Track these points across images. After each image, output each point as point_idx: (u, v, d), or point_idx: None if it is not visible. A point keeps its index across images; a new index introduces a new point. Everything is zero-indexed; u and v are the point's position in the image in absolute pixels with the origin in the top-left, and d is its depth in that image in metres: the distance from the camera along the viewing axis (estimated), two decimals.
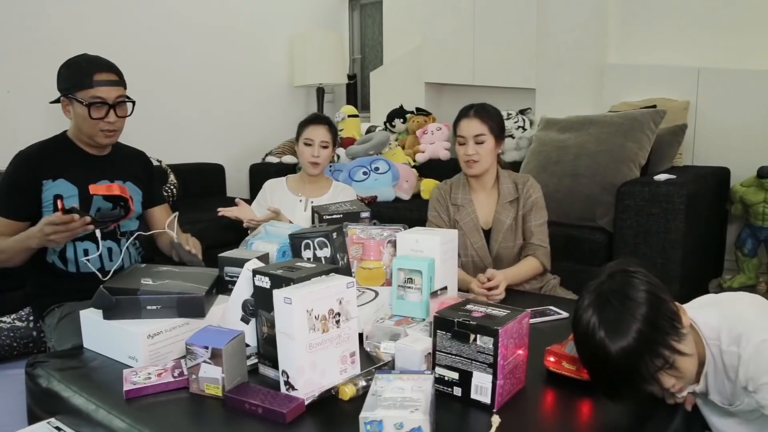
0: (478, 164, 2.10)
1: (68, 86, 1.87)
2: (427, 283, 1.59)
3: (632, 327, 1.08)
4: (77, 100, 1.85)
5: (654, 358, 1.09)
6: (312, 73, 4.66)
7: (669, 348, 1.10)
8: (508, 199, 2.14)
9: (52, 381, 1.42)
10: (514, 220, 2.13)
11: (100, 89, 1.85)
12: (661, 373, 1.11)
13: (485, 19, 4.14)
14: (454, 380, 1.23)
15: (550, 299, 1.97)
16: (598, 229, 2.82)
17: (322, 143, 2.50)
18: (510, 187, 2.15)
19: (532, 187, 2.14)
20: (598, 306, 1.13)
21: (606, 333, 1.09)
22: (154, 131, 3.76)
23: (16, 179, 1.88)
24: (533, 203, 2.12)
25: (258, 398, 1.21)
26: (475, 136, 2.08)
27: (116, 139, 1.99)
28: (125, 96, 1.93)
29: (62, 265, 1.93)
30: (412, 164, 3.98)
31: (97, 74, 1.85)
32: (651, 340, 1.09)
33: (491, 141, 2.09)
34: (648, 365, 1.09)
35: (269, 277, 1.30)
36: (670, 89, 3.33)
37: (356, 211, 2.03)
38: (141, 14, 3.90)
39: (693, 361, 1.15)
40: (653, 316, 1.10)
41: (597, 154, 2.89)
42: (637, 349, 1.08)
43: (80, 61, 1.89)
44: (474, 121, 2.10)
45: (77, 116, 1.89)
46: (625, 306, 1.10)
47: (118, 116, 1.91)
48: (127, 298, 1.48)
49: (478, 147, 2.08)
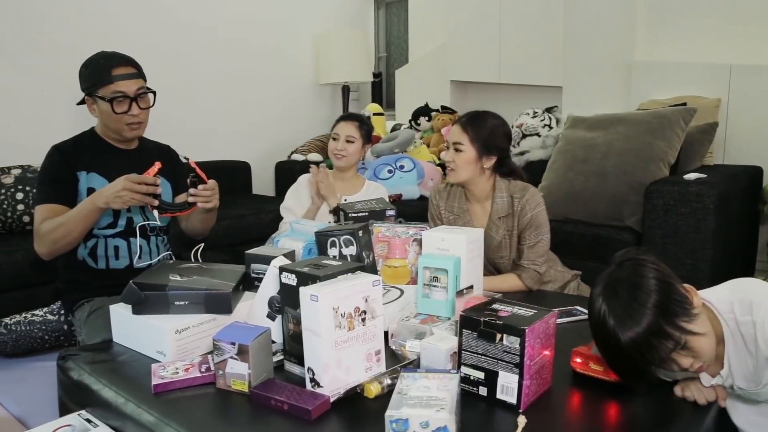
0: (453, 173, 2.06)
1: (89, 85, 1.90)
2: (453, 281, 1.59)
3: (641, 316, 1.11)
4: (99, 97, 1.89)
5: (664, 340, 1.11)
6: (337, 71, 4.67)
7: (679, 329, 1.11)
8: (500, 215, 2.04)
9: (82, 374, 1.44)
10: (506, 237, 2.04)
11: (120, 83, 1.88)
12: (675, 354, 1.13)
13: (511, 15, 4.11)
14: (480, 380, 1.22)
15: (577, 299, 1.95)
16: (626, 228, 2.79)
17: (348, 137, 2.54)
18: (504, 201, 2.04)
19: (529, 203, 2.00)
20: (608, 296, 1.16)
21: (616, 322, 1.13)
22: (181, 129, 3.81)
23: (54, 170, 1.92)
24: (529, 221, 2.00)
25: (284, 395, 1.22)
26: (454, 143, 2.06)
27: (142, 132, 2.02)
28: (145, 87, 1.95)
29: (92, 261, 1.96)
30: (437, 162, 3.97)
31: (115, 69, 1.88)
32: (660, 325, 1.11)
33: (471, 152, 2.02)
34: (660, 349, 1.12)
35: (296, 274, 1.31)
36: (700, 87, 3.27)
37: (382, 209, 2.03)
38: (168, 14, 3.95)
39: (708, 340, 1.15)
40: (662, 303, 1.12)
41: (625, 152, 2.85)
42: (646, 336, 1.11)
43: (97, 58, 1.92)
44: (456, 128, 2.07)
45: (102, 113, 1.92)
46: (634, 295, 1.14)
47: (141, 108, 1.94)
48: (155, 293, 1.50)
49: (455, 155, 2.05)
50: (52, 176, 1.91)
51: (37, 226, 1.86)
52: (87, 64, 1.93)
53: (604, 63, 3.65)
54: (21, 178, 2.96)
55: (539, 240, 2.02)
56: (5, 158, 3.14)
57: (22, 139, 3.30)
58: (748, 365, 1.19)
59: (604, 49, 3.63)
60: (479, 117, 2.08)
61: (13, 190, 2.91)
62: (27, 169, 3.02)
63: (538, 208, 2.02)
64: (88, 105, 1.95)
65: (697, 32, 3.39)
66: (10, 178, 2.94)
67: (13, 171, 2.99)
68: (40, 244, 1.86)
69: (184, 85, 3.97)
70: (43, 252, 1.87)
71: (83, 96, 1.95)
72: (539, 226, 2.01)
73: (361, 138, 2.56)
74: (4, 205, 2.89)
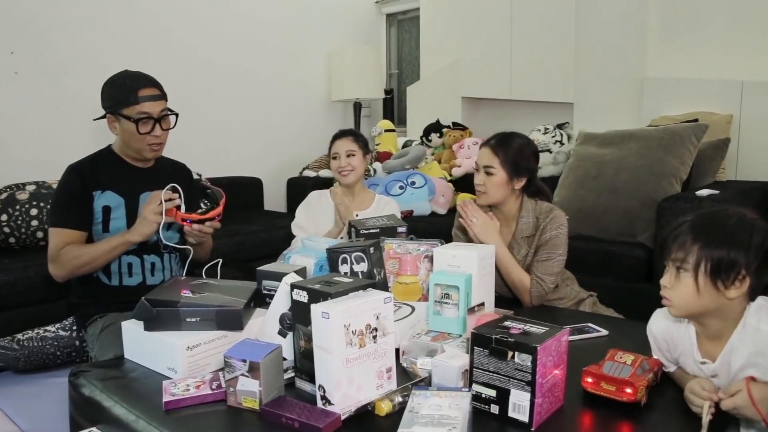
0: (485, 195, 2.06)
1: (113, 104, 1.92)
2: (464, 298, 1.58)
3: (711, 224, 1.20)
4: (124, 117, 1.91)
5: (679, 249, 1.20)
6: (349, 87, 4.70)
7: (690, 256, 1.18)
8: (524, 235, 2.05)
9: (94, 390, 1.45)
10: (527, 256, 2.05)
11: (145, 105, 1.90)
12: (675, 265, 1.21)
13: (522, 33, 4.12)
14: (492, 398, 1.21)
15: (589, 316, 1.93)
16: (638, 245, 2.77)
17: (348, 152, 2.55)
18: (529, 222, 2.06)
19: (551, 223, 2.02)
20: (699, 215, 1.24)
21: (693, 218, 1.24)
22: (194, 145, 3.84)
23: (70, 191, 1.94)
24: (546, 240, 2.01)
25: (294, 412, 1.21)
26: (484, 167, 2.05)
27: (161, 152, 2.05)
28: (168, 109, 1.98)
29: (106, 278, 1.98)
30: (449, 179, 3.98)
31: (142, 90, 1.91)
32: (712, 246, 1.17)
33: (502, 175, 2.02)
34: (675, 247, 1.20)
35: (307, 291, 1.31)
36: (712, 103, 3.26)
37: (393, 226, 2.03)
38: (182, 31, 4.00)
39: (696, 303, 1.20)
40: (737, 239, 1.16)
41: (637, 168, 2.84)
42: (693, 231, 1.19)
43: (123, 78, 1.94)
44: (486, 151, 2.06)
45: (124, 132, 1.94)
46: (720, 217, 1.21)
47: (163, 129, 1.96)
48: (167, 310, 1.50)
49: (486, 178, 2.04)
50: (68, 198, 1.94)
51: (55, 250, 1.89)
52: (112, 82, 1.95)
53: (616, 79, 3.64)
54: (36, 194, 2.99)
55: (551, 258, 2.01)
56: (20, 175, 3.18)
57: (37, 156, 3.34)
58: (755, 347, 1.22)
59: (616, 65, 3.63)
60: (508, 139, 2.07)
61: (28, 206, 2.94)
62: (42, 185, 3.05)
63: (559, 230, 2.02)
64: (109, 122, 1.97)
65: (709, 48, 3.38)
66: (24, 195, 2.98)
67: (28, 187, 3.02)
68: (58, 269, 1.90)
69: (197, 101, 4.01)
70: (60, 276, 1.92)
71: (103, 113, 1.96)
72: (555, 246, 2.01)
73: (361, 149, 2.58)
74: (18, 221, 2.92)
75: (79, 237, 1.92)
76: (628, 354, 1.32)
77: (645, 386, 1.25)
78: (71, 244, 1.90)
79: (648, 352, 1.38)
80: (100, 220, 1.95)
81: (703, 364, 1.27)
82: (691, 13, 3.43)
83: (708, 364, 1.26)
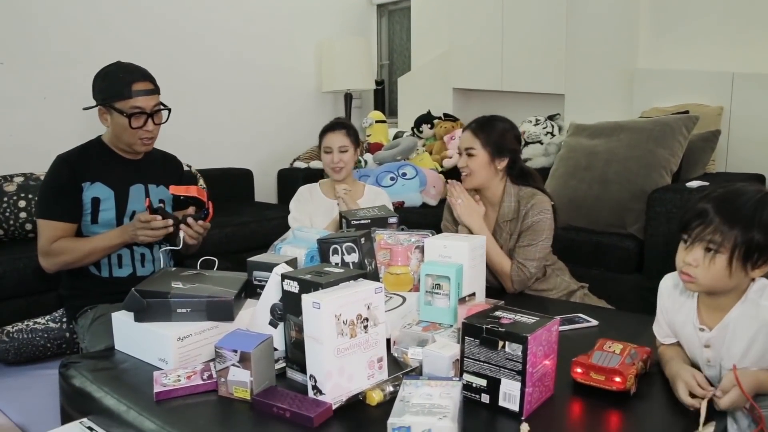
0: (469, 178, 2.08)
1: (106, 96, 1.90)
2: (455, 289, 1.59)
3: (740, 206, 1.18)
4: (116, 110, 1.89)
5: (715, 232, 1.19)
6: (340, 78, 4.68)
7: (727, 240, 1.18)
8: (506, 219, 2.07)
9: (84, 382, 1.44)
10: (507, 241, 2.07)
11: (138, 99, 1.89)
12: (704, 245, 1.21)
13: (513, 24, 4.12)
14: (482, 387, 1.22)
15: (580, 306, 1.94)
16: (628, 236, 2.79)
17: (341, 148, 2.50)
18: (511, 206, 2.07)
19: (533, 208, 2.02)
20: (723, 195, 1.22)
21: (718, 195, 1.22)
22: (183, 136, 3.81)
23: (59, 182, 1.92)
24: (528, 226, 2.02)
25: (286, 402, 1.22)
26: (466, 149, 2.08)
27: (152, 146, 2.04)
28: (161, 104, 1.97)
29: (96, 269, 1.97)
30: (440, 170, 3.98)
31: (135, 84, 1.89)
32: (752, 231, 1.17)
33: (483, 156, 2.05)
34: (709, 229, 1.20)
35: (298, 281, 1.31)
36: (702, 95, 3.27)
37: (384, 217, 2.03)
38: (170, 21, 3.97)
39: (724, 283, 1.21)
40: (759, 221, 1.17)
41: (627, 160, 2.85)
42: (726, 216, 1.18)
43: (116, 70, 1.92)
44: (467, 134, 2.10)
45: (116, 125, 1.93)
46: (747, 198, 1.20)
47: (155, 124, 1.95)
48: (157, 300, 1.50)
49: (468, 160, 2.07)
50: (58, 189, 1.92)
51: (46, 244, 1.88)
52: (105, 74, 1.93)
53: (607, 70, 3.65)
54: (23, 186, 2.97)
55: (533, 244, 2.01)
56: (8, 166, 3.15)
57: (25, 147, 3.31)
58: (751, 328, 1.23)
59: (607, 57, 3.64)
60: (488, 121, 2.11)
61: (16, 198, 2.92)
62: (30, 177, 3.03)
63: (542, 215, 2.02)
64: (101, 114, 1.95)
65: (700, 40, 3.40)
66: (12, 186, 2.95)
67: (16, 179, 3.00)
68: (49, 262, 1.90)
69: (187, 92, 3.98)
70: (50, 268, 1.92)
71: (94, 104, 1.95)
72: (537, 232, 2.01)
73: (352, 144, 2.54)
74: (6, 213, 2.90)
75: (70, 229, 1.91)
76: (617, 343, 1.33)
77: (634, 375, 1.26)
78: (62, 237, 1.89)
79: (637, 342, 1.39)
80: (89, 211, 1.93)
81: (701, 331, 1.30)
82: (682, 4, 3.44)
83: (705, 331, 1.29)
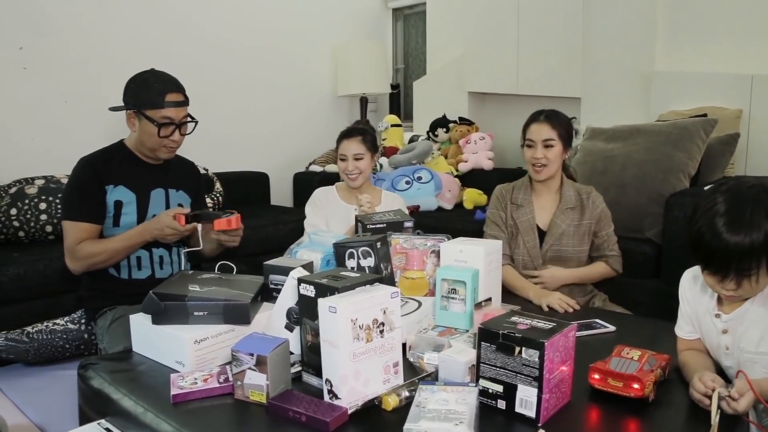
0: (545, 168, 2.12)
1: (138, 102, 1.92)
2: (471, 293, 1.58)
3: (757, 229, 1.14)
4: (147, 118, 1.91)
5: (753, 261, 1.16)
6: (355, 82, 4.70)
7: (756, 261, 1.16)
8: (569, 206, 2.16)
9: (102, 383, 1.46)
10: (574, 227, 2.14)
11: (170, 110, 1.92)
12: (747, 276, 1.18)
13: (529, 27, 4.10)
14: (499, 393, 1.21)
15: (597, 312, 1.93)
16: (646, 240, 2.76)
17: (356, 156, 2.47)
18: (572, 195, 2.18)
19: (598, 198, 2.17)
20: (732, 196, 1.19)
21: (728, 220, 1.17)
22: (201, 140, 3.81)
23: (83, 184, 1.95)
24: (601, 214, 2.16)
25: (301, 406, 1.22)
26: (543, 141, 2.10)
27: (174, 154, 2.07)
28: (189, 115, 2.00)
29: (116, 271, 2.00)
30: (455, 174, 3.97)
31: (169, 95, 1.92)
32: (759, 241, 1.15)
33: (559, 146, 2.11)
34: (744, 265, 1.16)
35: (314, 285, 1.31)
36: (721, 97, 3.23)
37: (400, 221, 2.03)
38: (190, 25, 4.00)
39: (760, 289, 1.22)
40: None
41: (645, 164, 2.83)
42: (749, 247, 1.15)
43: (150, 78, 1.94)
44: (544, 126, 2.12)
45: (143, 132, 1.95)
46: (758, 206, 1.16)
47: (181, 134, 1.98)
48: (175, 303, 1.51)
49: (546, 151, 2.10)
50: (83, 191, 1.95)
51: (72, 245, 1.91)
52: (140, 81, 1.95)
53: (623, 74, 3.62)
54: (44, 188, 3.01)
55: (610, 230, 2.19)
56: (29, 169, 3.20)
57: (46, 151, 3.35)
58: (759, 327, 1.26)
59: (623, 60, 3.61)
60: (557, 113, 2.18)
61: (37, 200, 2.96)
62: (50, 179, 3.06)
63: (604, 203, 2.20)
64: (128, 118, 1.98)
65: (718, 42, 3.36)
66: (33, 189, 2.99)
67: (37, 181, 3.04)
68: (75, 263, 1.93)
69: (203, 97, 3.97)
70: (77, 269, 1.95)
71: (121, 105, 1.97)
72: (608, 217, 2.19)
73: (369, 151, 2.50)
74: (27, 215, 2.93)
75: (95, 230, 1.94)
76: (635, 350, 1.32)
77: (653, 382, 1.25)
78: (87, 238, 1.91)
79: (656, 348, 1.38)
80: (112, 214, 1.96)
81: (717, 317, 1.33)
82: (700, 6, 3.40)
83: (722, 315, 1.32)
